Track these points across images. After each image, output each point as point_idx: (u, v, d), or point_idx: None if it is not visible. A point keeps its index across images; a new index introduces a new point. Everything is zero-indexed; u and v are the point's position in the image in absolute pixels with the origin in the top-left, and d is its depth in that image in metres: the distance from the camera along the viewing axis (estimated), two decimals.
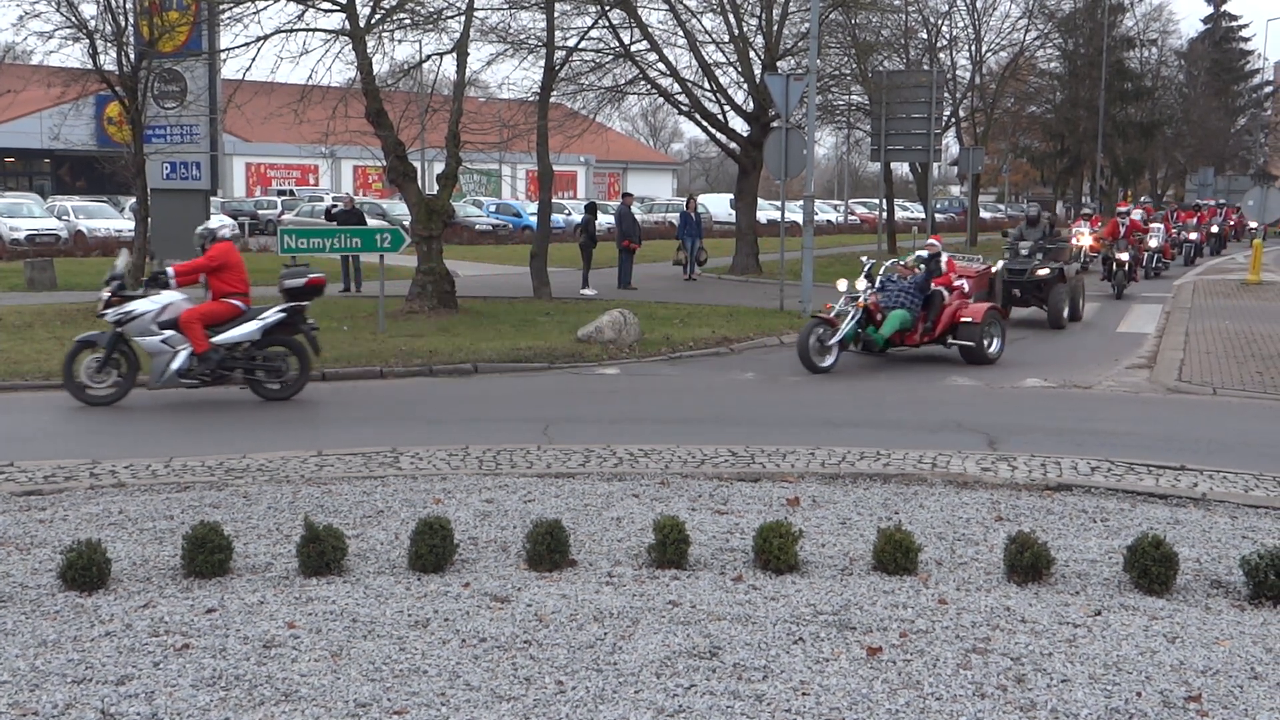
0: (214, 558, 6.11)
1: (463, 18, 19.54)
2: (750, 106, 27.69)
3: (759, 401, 12.22)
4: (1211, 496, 8.12)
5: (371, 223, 24.48)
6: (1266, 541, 6.84)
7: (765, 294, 22.26)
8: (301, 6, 18.73)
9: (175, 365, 11.45)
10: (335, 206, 26.50)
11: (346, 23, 18.39)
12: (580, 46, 24.57)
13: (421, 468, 8.74)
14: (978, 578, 6.25)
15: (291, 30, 18.69)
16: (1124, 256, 23.08)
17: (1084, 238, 30.29)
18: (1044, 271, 18.36)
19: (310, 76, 19.82)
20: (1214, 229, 38.39)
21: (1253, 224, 42.94)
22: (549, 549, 6.28)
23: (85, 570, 5.88)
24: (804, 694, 4.76)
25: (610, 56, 26.11)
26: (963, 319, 14.67)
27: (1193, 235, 34.14)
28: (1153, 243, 28.06)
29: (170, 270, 11.83)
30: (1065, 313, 18.43)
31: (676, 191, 73.84)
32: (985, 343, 14.71)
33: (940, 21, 37.94)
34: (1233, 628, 5.59)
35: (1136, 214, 37.64)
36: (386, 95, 20.55)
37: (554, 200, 25.49)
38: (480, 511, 7.44)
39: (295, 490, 8.00)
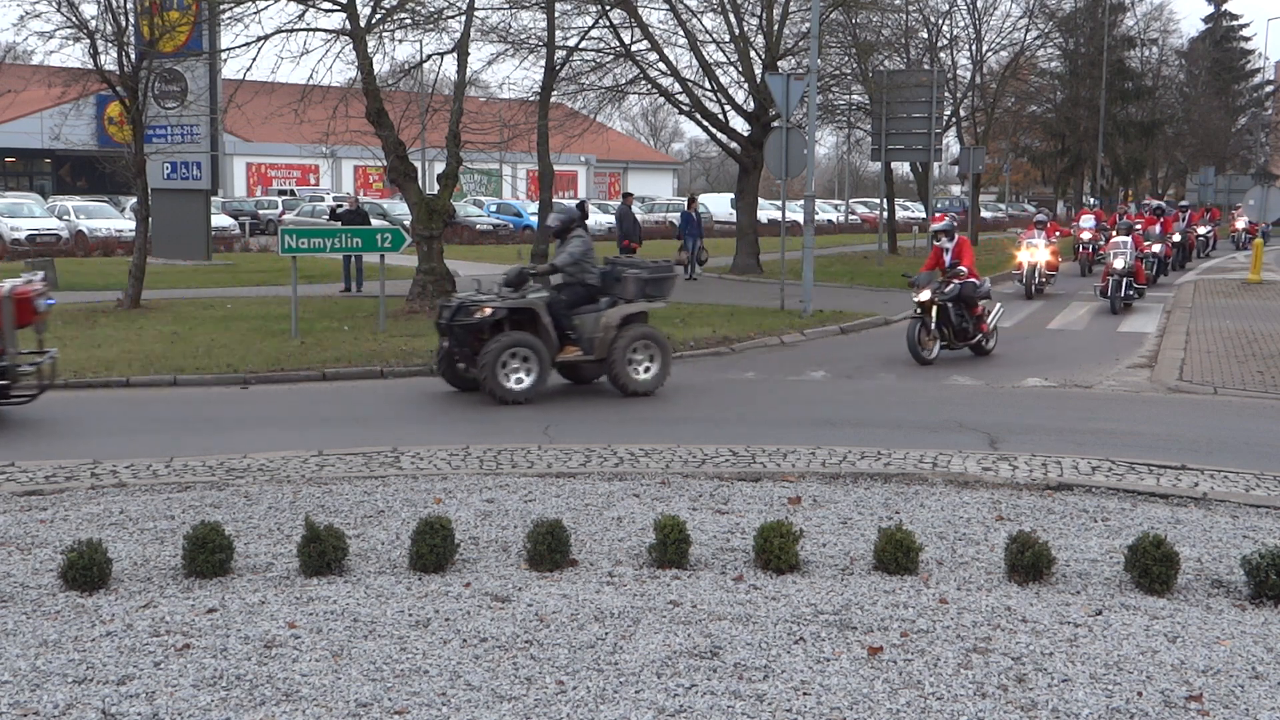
0: (215, 558, 6.12)
1: (463, 18, 19.59)
2: (751, 106, 27.68)
3: (759, 401, 12.22)
4: (1212, 496, 8.12)
5: (372, 222, 24.50)
6: (1267, 541, 6.84)
7: (766, 294, 22.24)
8: (302, 6, 18.77)
9: None
10: (340, 206, 26.51)
11: (347, 23, 18.42)
12: (581, 46, 24.61)
13: (422, 467, 8.74)
14: (979, 577, 6.25)
15: (292, 30, 18.75)
16: (948, 306, 14.62)
17: (1038, 251, 23.01)
18: (485, 313, 11.77)
19: (311, 76, 19.87)
20: (1176, 238, 31.08)
21: (1201, 229, 40.14)
22: (550, 549, 6.28)
23: (86, 570, 5.89)
24: (805, 694, 4.76)
25: (611, 56, 26.14)
26: None
27: (1155, 248, 26.67)
28: (1118, 264, 20.57)
29: None
30: (518, 381, 11.71)
31: (677, 191, 73.84)
32: None
33: (941, 21, 37.93)
34: (1234, 627, 5.59)
35: (1086, 219, 30.38)
36: (387, 95, 20.58)
37: (555, 200, 25.49)
38: (481, 511, 7.44)
39: (296, 490, 8.00)
